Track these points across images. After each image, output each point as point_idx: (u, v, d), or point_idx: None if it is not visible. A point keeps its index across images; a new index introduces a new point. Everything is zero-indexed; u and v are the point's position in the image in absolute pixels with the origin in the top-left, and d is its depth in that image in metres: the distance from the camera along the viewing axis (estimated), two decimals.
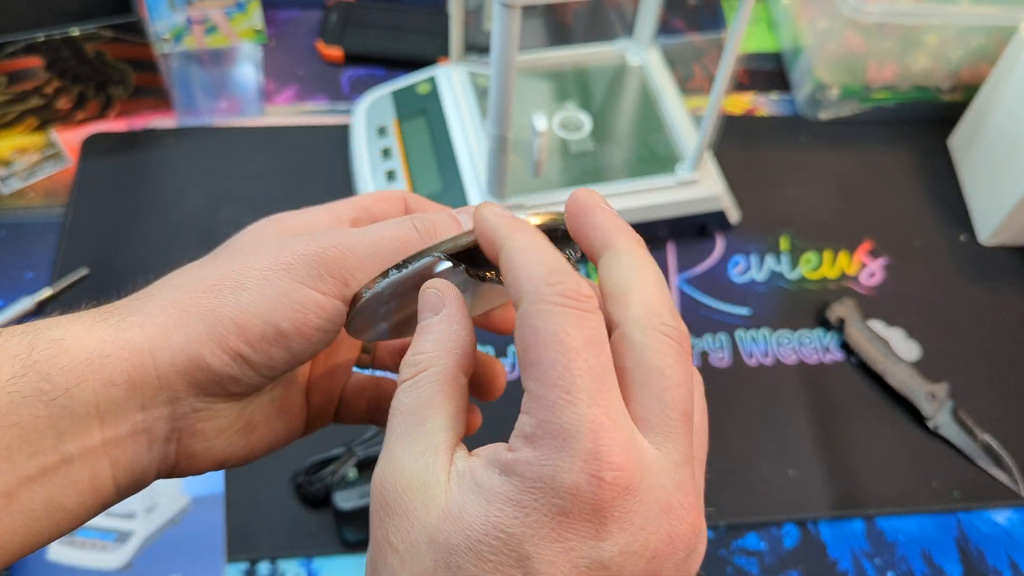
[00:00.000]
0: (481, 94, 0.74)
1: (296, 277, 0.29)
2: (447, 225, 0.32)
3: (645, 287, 0.28)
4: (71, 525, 0.28)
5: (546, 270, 0.25)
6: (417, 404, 0.27)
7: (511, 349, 0.68)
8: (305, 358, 0.30)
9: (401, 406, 0.27)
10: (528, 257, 0.26)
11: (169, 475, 0.30)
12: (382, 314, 0.32)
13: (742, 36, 0.60)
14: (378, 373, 0.38)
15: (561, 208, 0.30)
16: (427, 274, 0.30)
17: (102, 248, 0.71)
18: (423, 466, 0.25)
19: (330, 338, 0.30)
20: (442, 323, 0.28)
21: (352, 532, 0.59)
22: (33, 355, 0.27)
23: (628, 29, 0.81)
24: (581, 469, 0.23)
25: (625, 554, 0.23)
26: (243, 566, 0.58)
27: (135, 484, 0.29)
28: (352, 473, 0.60)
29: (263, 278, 0.29)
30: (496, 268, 0.28)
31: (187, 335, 0.28)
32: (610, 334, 0.26)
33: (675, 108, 0.75)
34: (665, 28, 0.91)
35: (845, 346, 0.70)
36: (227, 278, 0.29)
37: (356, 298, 0.31)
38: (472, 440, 0.28)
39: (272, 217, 0.34)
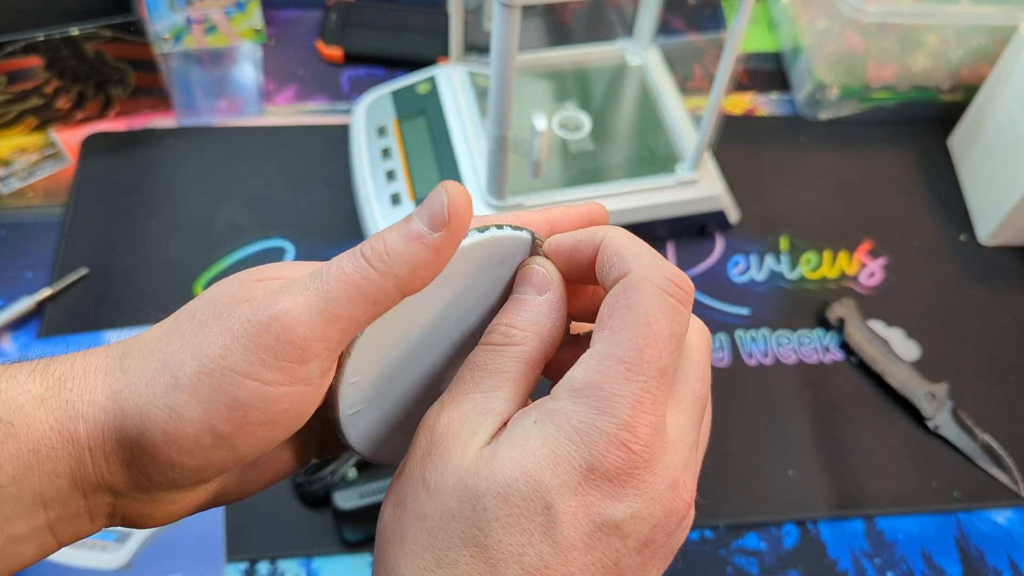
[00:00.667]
0: (481, 94, 0.74)
1: (233, 366, 0.25)
2: (396, 243, 0.26)
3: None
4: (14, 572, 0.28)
5: (652, 255, 0.27)
6: (496, 371, 0.28)
7: None
8: (260, 453, 0.27)
9: (481, 365, 0.28)
10: (634, 243, 0.28)
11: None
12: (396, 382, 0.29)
13: (742, 36, 0.60)
14: None
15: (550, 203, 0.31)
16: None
17: (102, 248, 0.71)
18: (478, 423, 0.27)
19: (289, 429, 0.27)
20: (543, 306, 0.29)
21: (352, 532, 0.59)
22: None
23: (628, 29, 0.81)
24: (615, 434, 0.24)
25: (635, 519, 0.25)
26: (243, 566, 0.58)
27: (77, 540, 0.29)
28: (352, 473, 0.60)
29: (198, 369, 0.25)
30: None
31: (119, 439, 0.26)
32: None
33: (675, 108, 0.75)
34: (665, 28, 0.91)
35: (845, 346, 0.70)
36: (166, 371, 0.26)
37: (342, 359, 0.28)
38: None
39: (250, 270, 0.29)
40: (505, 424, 0.27)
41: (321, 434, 0.32)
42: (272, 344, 0.25)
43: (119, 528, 0.58)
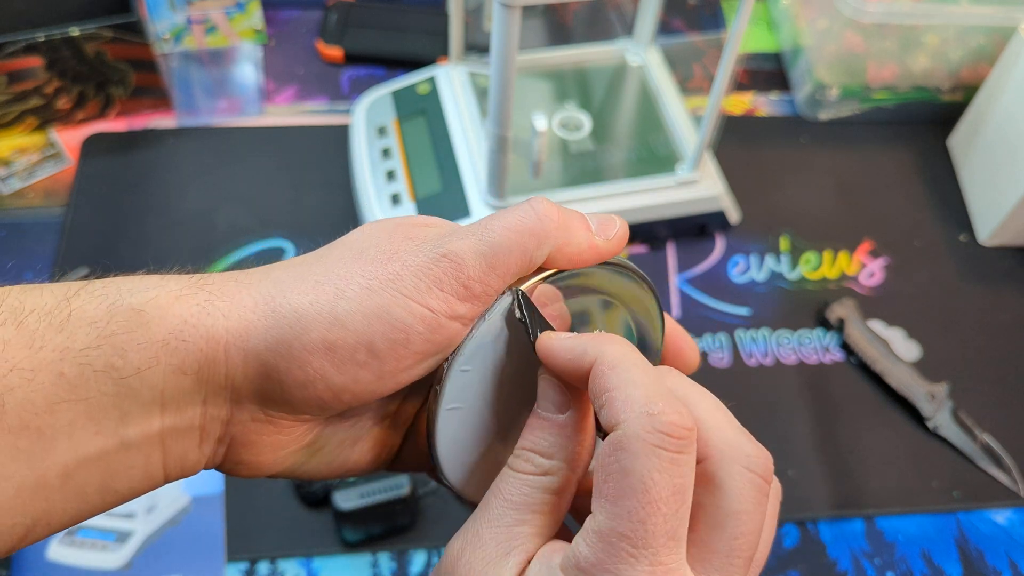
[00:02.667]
0: (481, 94, 0.74)
1: (402, 289, 0.26)
2: (561, 211, 0.28)
3: (722, 417, 0.26)
4: (116, 504, 0.27)
5: (644, 395, 0.24)
6: (521, 503, 0.26)
7: None
8: (392, 387, 0.27)
9: (506, 494, 0.26)
10: (624, 376, 0.24)
11: (215, 469, 0.29)
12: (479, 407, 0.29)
13: (742, 36, 0.60)
14: None
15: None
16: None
17: (102, 248, 0.71)
18: (500, 564, 0.25)
19: (427, 366, 0.27)
20: (567, 428, 0.26)
21: (352, 532, 0.59)
22: (111, 325, 0.25)
23: (628, 29, 0.81)
24: None
25: None
26: (243, 566, 0.58)
27: (182, 474, 0.28)
28: None
29: (365, 287, 0.26)
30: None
31: (267, 342, 0.26)
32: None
33: (675, 108, 0.75)
34: (665, 28, 0.91)
35: (845, 346, 0.70)
36: (328, 283, 0.26)
37: (438, 377, 0.28)
38: None
39: (404, 217, 0.30)
40: (530, 561, 0.25)
41: (401, 446, 0.32)
42: (441, 276, 0.26)
43: (119, 528, 0.59)
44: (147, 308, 0.25)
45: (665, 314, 0.33)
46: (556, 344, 0.26)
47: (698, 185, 0.71)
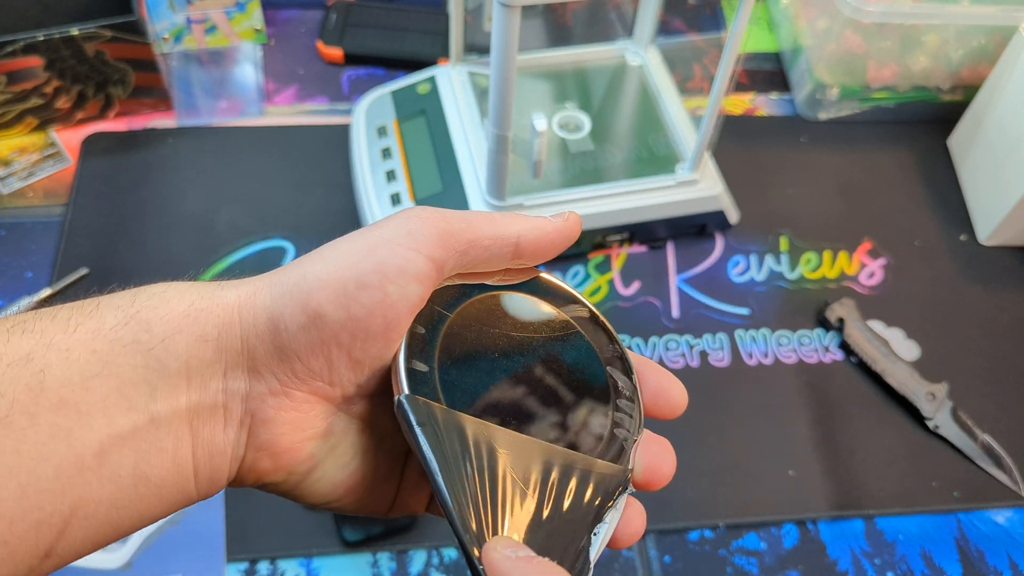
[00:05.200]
0: (481, 94, 0.74)
1: (383, 234, 0.29)
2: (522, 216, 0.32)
3: None
4: (151, 508, 0.27)
5: None
6: None
7: None
8: (382, 324, 0.28)
9: None
10: None
11: (243, 478, 0.29)
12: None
13: (742, 36, 0.60)
14: None
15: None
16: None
17: (102, 248, 0.71)
18: None
19: (415, 305, 0.29)
20: None
21: (351, 531, 0.59)
22: (135, 305, 0.27)
23: (628, 29, 0.81)
24: None
25: None
26: (243, 565, 0.58)
27: (212, 475, 0.28)
28: None
29: (356, 237, 0.29)
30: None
31: (272, 295, 0.28)
32: None
33: (675, 108, 0.75)
34: (665, 28, 0.91)
35: (845, 346, 0.70)
36: (330, 243, 0.29)
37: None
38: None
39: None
40: None
41: (404, 485, 0.32)
42: (419, 227, 0.29)
43: None
44: (167, 291, 0.28)
45: (633, 354, 0.33)
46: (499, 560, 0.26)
47: (698, 185, 0.71)
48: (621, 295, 0.72)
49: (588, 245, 0.73)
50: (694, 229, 0.75)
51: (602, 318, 0.33)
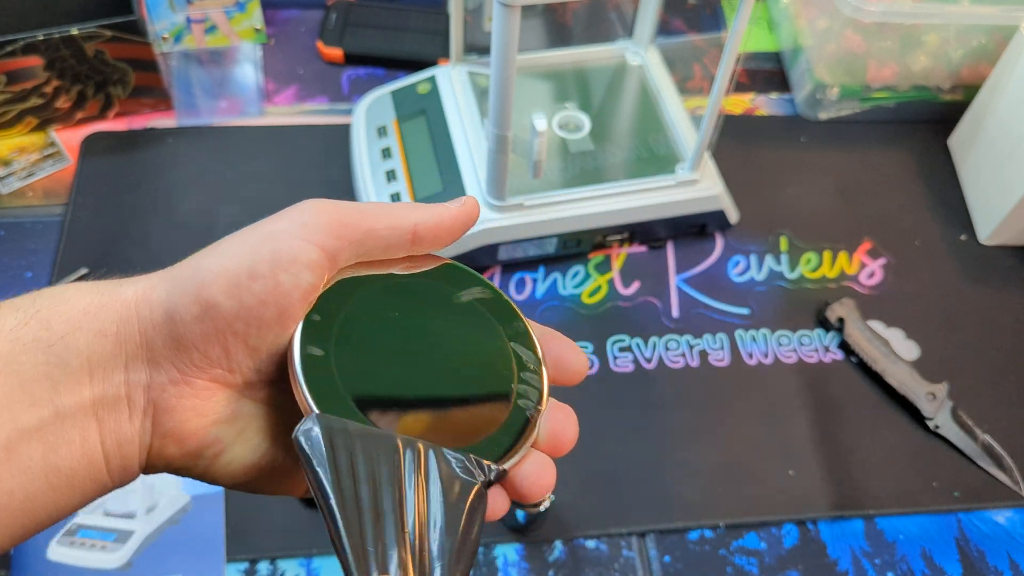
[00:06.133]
0: (481, 94, 0.74)
1: (279, 228, 0.30)
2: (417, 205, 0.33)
3: None
4: (66, 499, 0.28)
5: None
6: None
7: None
8: (276, 312, 0.29)
9: None
10: None
11: (153, 464, 0.30)
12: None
13: (742, 36, 0.60)
14: None
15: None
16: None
17: (102, 248, 0.71)
18: None
19: (308, 293, 0.30)
20: None
21: None
22: (36, 305, 0.28)
23: (628, 30, 0.81)
24: None
25: None
26: (243, 566, 0.58)
27: (123, 463, 0.29)
28: None
29: (257, 228, 0.30)
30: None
31: (168, 289, 0.29)
32: None
33: (675, 108, 0.75)
34: (665, 28, 0.91)
35: (845, 346, 0.70)
36: (226, 237, 0.30)
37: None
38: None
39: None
40: None
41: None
42: (312, 219, 0.30)
43: (119, 528, 0.59)
44: (68, 291, 0.29)
45: (538, 326, 0.34)
46: None
47: (698, 185, 0.71)
48: (621, 295, 0.72)
49: (588, 245, 0.73)
50: (694, 229, 0.75)
51: (506, 298, 0.34)
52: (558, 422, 0.32)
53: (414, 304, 0.32)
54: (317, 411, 0.29)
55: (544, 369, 0.33)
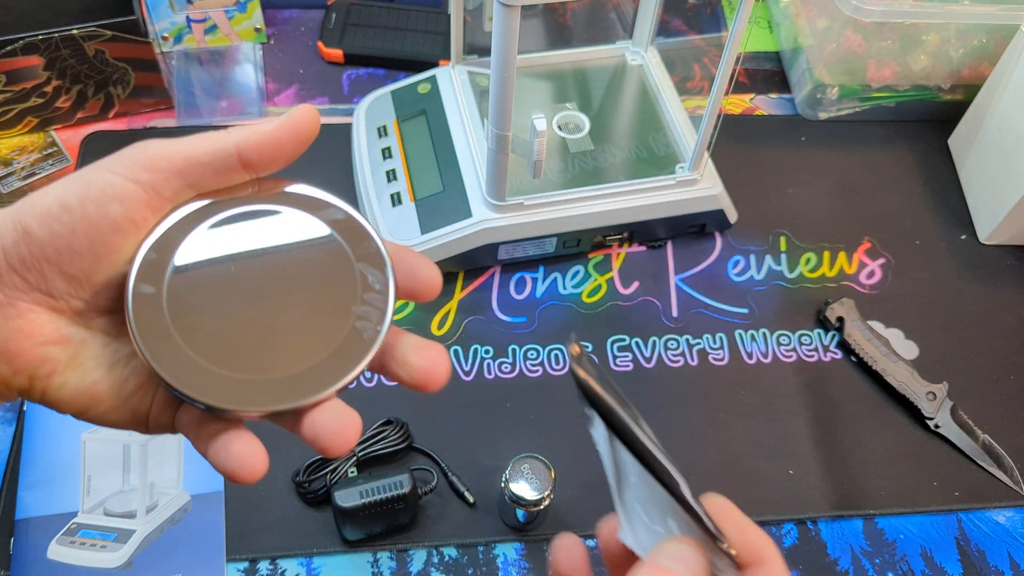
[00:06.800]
0: (481, 94, 0.74)
1: (97, 164, 0.31)
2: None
3: None
4: None
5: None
6: None
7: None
8: (86, 242, 0.30)
9: None
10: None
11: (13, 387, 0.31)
12: None
13: (742, 36, 0.60)
14: None
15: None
16: None
17: None
18: None
19: (119, 225, 0.30)
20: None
21: (352, 531, 0.59)
22: None
23: (628, 30, 0.81)
24: None
25: None
26: (243, 565, 0.58)
27: None
28: (352, 472, 0.61)
29: (84, 167, 0.31)
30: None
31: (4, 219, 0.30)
32: None
33: (674, 108, 0.75)
34: (665, 29, 0.91)
35: (844, 345, 0.70)
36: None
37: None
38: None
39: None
40: None
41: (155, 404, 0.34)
42: (130, 154, 0.31)
43: (119, 528, 0.59)
44: None
45: (392, 245, 0.33)
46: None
47: (697, 185, 0.71)
48: (621, 294, 0.72)
49: (588, 245, 0.73)
50: (694, 229, 0.75)
51: (358, 217, 0.33)
52: (432, 360, 0.32)
53: (258, 232, 0.32)
54: (145, 348, 0.30)
55: (392, 290, 0.32)
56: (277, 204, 0.33)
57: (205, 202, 0.32)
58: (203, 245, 0.31)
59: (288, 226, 0.33)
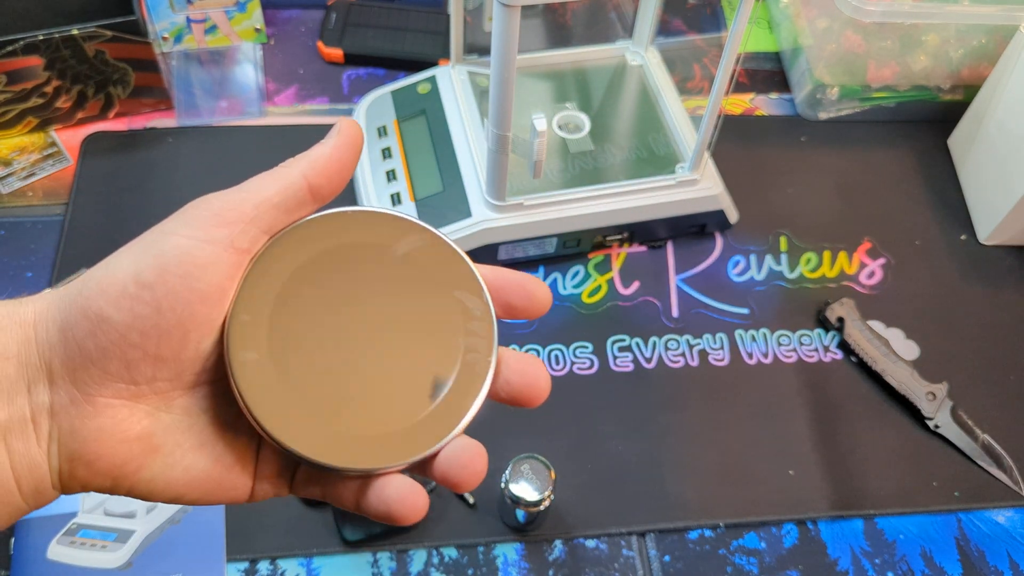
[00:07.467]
0: (481, 94, 0.74)
1: (163, 228, 0.28)
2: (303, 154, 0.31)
3: None
4: None
5: None
6: None
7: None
8: (174, 319, 0.27)
9: None
10: None
11: (69, 486, 0.29)
12: None
13: (742, 36, 0.60)
14: None
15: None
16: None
17: (102, 248, 0.71)
18: None
19: (207, 293, 0.28)
20: None
21: (352, 531, 0.59)
22: None
23: (628, 30, 0.81)
24: None
25: None
26: (243, 565, 0.58)
27: (36, 487, 0.28)
28: None
29: (145, 235, 0.28)
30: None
31: (60, 307, 0.28)
32: None
33: (675, 108, 0.75)
34: (665, 28, 0.91)
35: (844, 346, 0.70)
36: (119, 249, 0.29)
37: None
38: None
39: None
40: None
41: (260, 468, 0.31)
42: (195, 213, 0.29)
43: (119, 528, 0.59)
44: None
45: (484, 268, 0.32)
46: None
47: (697, 185, 0.71)
48: (621, 295, 0.72)
49: (588, 245, 0.73)
50: (694, 229, 0.75)
51: (443, 237, 0.32)
52: (530, 374, 0.31)
53: (339, 274, 0.31)
54: (272, 432, 0.28)
55: (493, 316, 0.31)
56: (351, 233, 0.31)
57: (281, 247, 0.30)
58: (294, 296, 0.30)
59: (373, 258, 0.31)
